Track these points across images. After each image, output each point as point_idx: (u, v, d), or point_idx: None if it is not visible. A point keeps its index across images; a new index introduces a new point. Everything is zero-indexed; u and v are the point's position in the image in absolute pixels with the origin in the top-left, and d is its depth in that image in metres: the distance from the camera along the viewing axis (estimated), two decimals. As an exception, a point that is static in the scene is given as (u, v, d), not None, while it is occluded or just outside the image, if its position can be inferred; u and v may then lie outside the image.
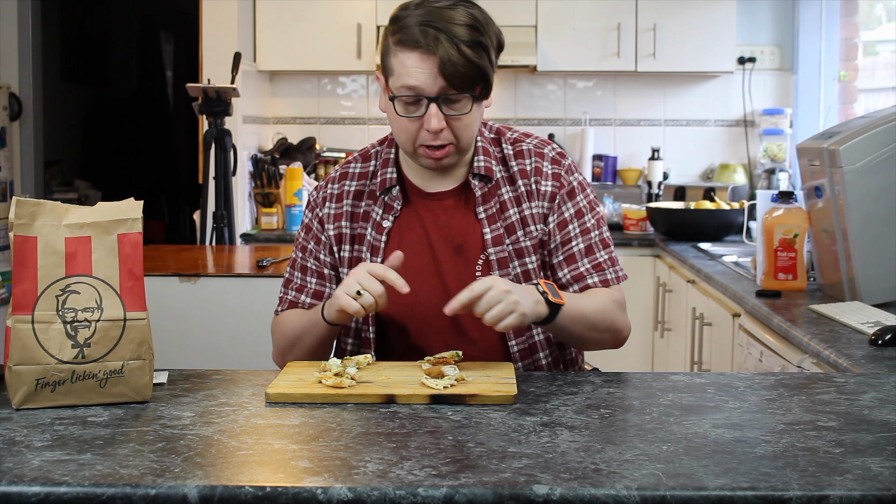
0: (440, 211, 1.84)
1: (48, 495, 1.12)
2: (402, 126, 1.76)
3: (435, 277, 1.82)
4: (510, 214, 1.83)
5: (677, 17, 4.75)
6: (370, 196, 1.87)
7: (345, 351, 1.88)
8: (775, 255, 2.81)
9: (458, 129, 1.74)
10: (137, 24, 7.90)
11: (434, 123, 1.71)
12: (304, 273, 1.91)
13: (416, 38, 1.68)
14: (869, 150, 2.55)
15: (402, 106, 1.74)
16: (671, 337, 4.15)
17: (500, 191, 1.84)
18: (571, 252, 1.84)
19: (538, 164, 1.85)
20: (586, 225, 1.85)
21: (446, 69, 1.67)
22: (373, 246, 1.84)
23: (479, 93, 1.74)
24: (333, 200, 1.89)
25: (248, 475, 1.18)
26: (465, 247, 1.82)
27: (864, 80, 4.57)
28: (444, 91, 1.70)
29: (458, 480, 1.14)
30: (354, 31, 4.78)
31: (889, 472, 1.18)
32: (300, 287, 1.90)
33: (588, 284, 1.83)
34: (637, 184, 5.08)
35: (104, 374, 1.46)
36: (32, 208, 1.47)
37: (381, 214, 1.85)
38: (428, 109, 1.71)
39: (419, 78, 1.69)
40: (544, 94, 5.17)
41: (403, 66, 1.71)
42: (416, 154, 1.78)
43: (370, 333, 1.84)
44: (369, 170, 1.90)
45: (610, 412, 1.44)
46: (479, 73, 1.70)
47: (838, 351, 2.07)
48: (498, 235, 1.82)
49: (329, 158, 5.08)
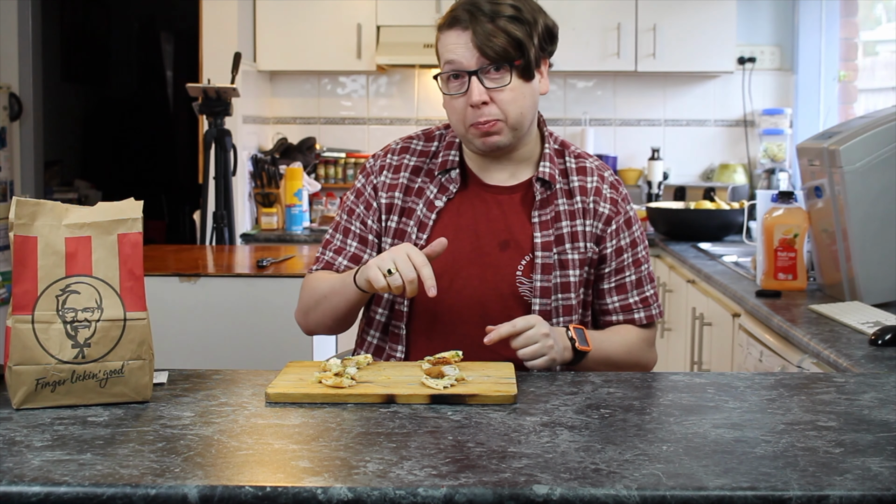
0: (494, 204, 1.86)
1: (48, 495, 1.12)
2: (451, 108, 1.80)
3: (474, 267, 1.83)
4: (562, 226, 1.85)
5: (677, 17, 4.75)
6: (428, 174, 1.89)
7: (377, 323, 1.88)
8: (775, 255, 2.81)
9: (503, 104, 1.77)
10: (137, 24, 7.91)
11: (475, 96, 1.75)
12: (346, 235, 1.91)
13: (456, 16, 1.77)
14: (869, 150, 2.55)
15: (445, 83, 1.79)
16: (671, 337, 4.15)
17: (557, 201, 1.86)
18: (623, 282, 1.90)
19: (598, 185, 1.89)
20: (638, 256, 1.91)
21: (480, 40, 1.73)
22: (421, 222, 1.85)
23: (520, 65, 1.76)
24: (391, 170, 1.90)
25: (248, 475, 1.18)
26: (512, 244, 1.84)
27: (864, 80, 4.57)
28: (481, 63, 1.74)
29: (458, 480, 1.14)
30: (354, 31, 4.78)
31: (889, 472, 1.18)
32: (339, 249, 1.91)
33: (633, 318, 1.90)
34: (637, 184, 5.08)
35: (104, 374, 1.46)
36: (32, 208, 1.47)
37: (435, 193, 1.87)
38: (470, 84, 1.75)
39: (457, 52, 1.76)
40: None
41: (444, 45, 1.79)
42: (467, 136, 1.81)
43: (404, 307, 1.85)
44: (431, 149, 1.92)
45: (610, 412, 1.44)
46: (515, 44, 1.74)
47: (838, 351, 2.07)
48: (548, 242, 1.84)
49: (329, 158, 5.09)
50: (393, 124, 5.12)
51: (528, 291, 1.83)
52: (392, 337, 1.87)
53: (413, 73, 5.11)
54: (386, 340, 1.88)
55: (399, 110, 5.14)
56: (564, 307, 1.84)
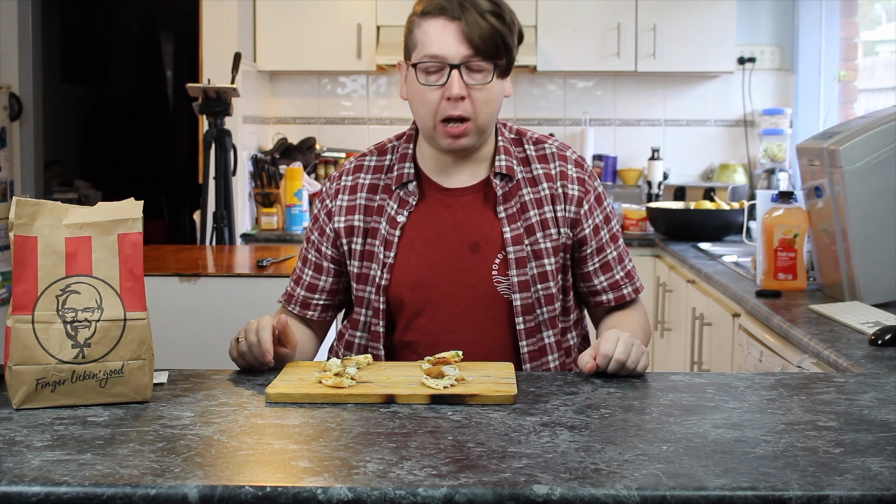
0: (457, 207, 1.83)
1: (48, 495, 1.12)
2: (423, 99, 1.76)
3: (448, 274, 1.81)
4: (531, 216, 1.82)
5: (677, 17, 4.75)
6: (385, 190, 1.85)
7: (352, 344, 1.88)
8: (775, 255, 2.81)
9: (478, 103, 1.74)
10: (137, 24, 7.91)
11: (455, 89, 1.72)
12: (304, 264, 1.92)
13: (441, 6, 1.72)
14: (869, 150, 2.55)
15: (423, 75, 1.75)
16: (671, 337, 4.15)
17: (521, 191, 1.83)
18: (607, 260, 1.89)
19: (563, 167, 1.86)
20: (614, 231, 1.91)
21: (471, 34, 1.70)
22: (386, 240, 1.82)
23: (502, 65, 1.74)
24: (346, 192, 1.87)
25: (248, 475, 1.18)
26: (483, 245, 1.81)
27: (863, 80, 4.57)
28: (466, 59, 1.72)
29: (458, 480, 1.14)
30: (354, 31, 4.78)
31: (889, 472, 1.18)
32: (297, 278, 1.92)
33: (623, 295, 1.89)
34: (637, 184, 5.08)
35: (104, 374, 1.46)
36: (32, 208, 1.47)
37: (395, 209, 1.83)
38: (450, 77, 1.72)
39: (442, 45, 1.72)
40: (544, 94, 5.17)
41: (427, 34, 1.74)
42: (434, 132, 1.77)
43: (380, 327, 1.83)
44: (385, 164, 1.88)
45: (610, 412, 1.44)
46: (503, 43, 1.73)
47: (838, 351, 2.07)
48: (518, 235, 1.81)
49: (329, 158, 5.08)
50: (393, 124, 5.12)
51: (507, 289, 1.80)
52: (375, 357, 1.82)
53: (413, 73, 5.10)
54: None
55: (399, 110, 5.14)
56: (546, 297, 1.82)
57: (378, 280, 1.81)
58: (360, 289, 1.85)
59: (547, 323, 1.83)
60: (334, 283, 1.89)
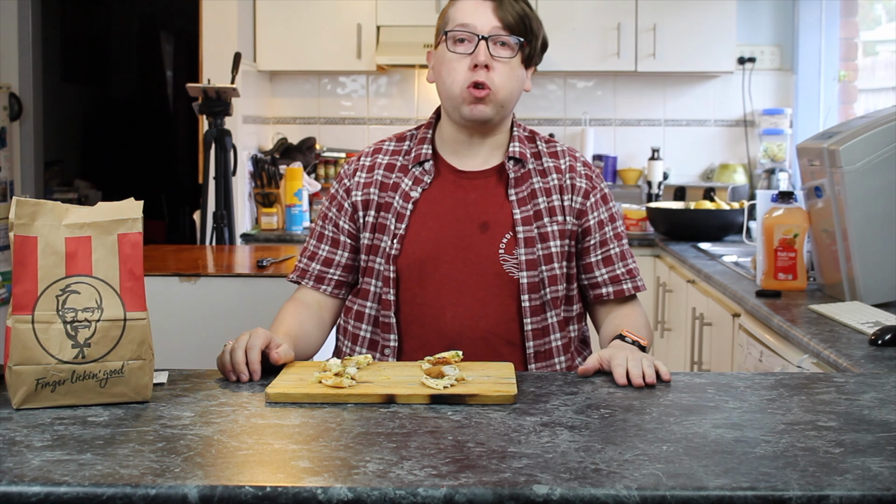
0: (470, 189, 1.91)
1: (48, 495, 1.12)
2: (450, 68, 1.84)
3: (456, 250, 1.87)
4: (539, 202, 1.90)
5: (677, 17, 4.75)
6: (402, 170, 1.93)
7: (362, 314, 1.91)
8: (775, 255, 2.81)
9: (500, 76, 1.84)
10: (137, 24, 7.91)
11: (482, 56, 1.81)
12: (320, 241, 1.96)
13: None
14: (869, 150, 2.55)
15: (453, 43, 1.84)
16: (671, 337, 4.15)
17: (531, 179, 1.91)
18: (609, 254, 1.94)
19: (572, 163, 1.95)
20: (618, 230, 1.97)
21: (502, 11, 1.82)
22: (398, 213, 1.89)
23: (526, 49, 1.85)
24: (364, 170, 1.95)
25: (248, 475, 1.18)
26: (491, 225, 1.88)
27: (863, 80, 4.57)
28: (495, 31, 1.82)
29: (458, 480, 1.14)
30: (354, 31, 4.78)
31: (889, 472, 1.18)
32: (312, 254, 1.96)
33: (623, 289, 1.93)
34: (637, 184, 5.08)
35: (104, 374, 1.46)
36: (32, 208, 1.47)
37: (410, 185, 1.91)
38: (477, 46, 1.82)
39: (473, 17, 1.83)
40: (544, 94, 5.17)
41: (459, 10, 1.85)
42: (458, 101, 1.85)
43: (391, 295, 1.86)
44: (403, 148, 1.97)
45: (610, 412, 1.44)
46: (529, 26, 1.85)
47: (838, 351, 2.07)
48: (527, 216, 1.89)
49: (329, 158, 5.08)
50: (393, 124, 5.11)
51: (514, 267, 1.86)
52: (384, 327, 1.88)
53: (413, 73, 5.11)
54: (378, 333, 1.90)
55: (399, 110, 5.14)
56: (550, 277, 1.87)
57: (388, 250, 1.87)
58: (370, 259, 1.90)
59: (550, 303, 1.88)
60: (350, 258, 1.94)
